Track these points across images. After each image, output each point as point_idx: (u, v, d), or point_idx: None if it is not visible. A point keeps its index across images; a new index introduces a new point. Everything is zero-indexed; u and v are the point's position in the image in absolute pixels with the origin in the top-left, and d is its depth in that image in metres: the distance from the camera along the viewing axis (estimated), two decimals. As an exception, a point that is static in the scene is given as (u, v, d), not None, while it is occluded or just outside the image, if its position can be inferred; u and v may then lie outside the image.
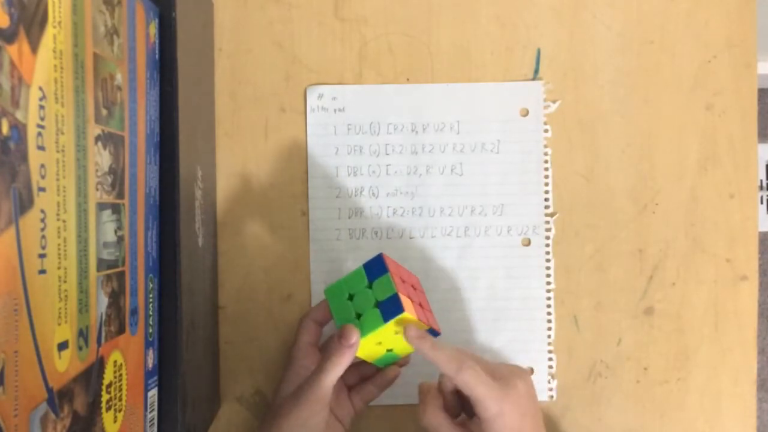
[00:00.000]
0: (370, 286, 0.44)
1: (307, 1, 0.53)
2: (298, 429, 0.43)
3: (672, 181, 0.54)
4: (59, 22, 0.29)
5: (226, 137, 0.53)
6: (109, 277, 0.34)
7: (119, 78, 0.35)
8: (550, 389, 0.53)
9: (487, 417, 0.43)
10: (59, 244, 0.29)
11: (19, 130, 0.26)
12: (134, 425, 0.37)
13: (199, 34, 0.48)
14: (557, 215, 0.53)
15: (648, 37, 0.54)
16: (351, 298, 0.45)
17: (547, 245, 0.53)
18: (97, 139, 0.33)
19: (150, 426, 0.40)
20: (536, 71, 0.54)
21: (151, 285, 0.39)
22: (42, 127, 0.28)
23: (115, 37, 0.35)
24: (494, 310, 0.53)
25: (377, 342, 0.45)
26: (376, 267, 0.45)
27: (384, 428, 0.53)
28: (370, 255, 0.52)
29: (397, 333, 0.44)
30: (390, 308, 0.43)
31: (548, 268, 0.53)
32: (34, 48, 0.27)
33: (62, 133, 0.29)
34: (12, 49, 0.26)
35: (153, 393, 0.40)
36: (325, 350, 0.44)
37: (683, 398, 0.53)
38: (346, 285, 0.45)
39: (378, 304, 0.44)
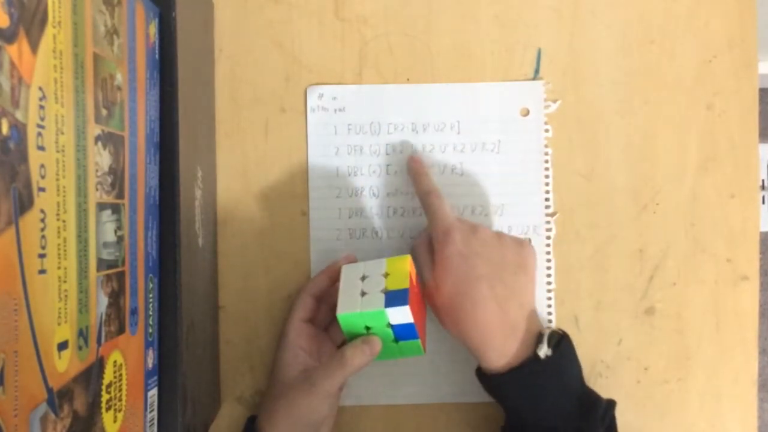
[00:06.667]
0: (390, 326, 0.45)
1: (307, 1, 0.53)
2: (306, 416, 0.45)
3: (672, 181, 0.54)
4: (59, 22, 0.29)
5: (226, 137, 0.53)
6: (109, 277, 0.34)
7: (119, 78, 0.35)
8: (551, 389, 0.53)
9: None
10: (59, 244, 0.29)
11: (19, 130, 0.26)
12: (134, 425, 0.37)
13: (199, 34, 0.48)
14: (557, 215, 0.53)
15: (648, 37, 0.54)
16: (368, 329, 0.45)
17: (548, 245, 0.53)
18: (97, 139, 0.33)
19: (150, 426, 0.40)
20: (536, 71, 0.54)
21: (151, 285, 0.39)
22: (42, 127, 0.28)
23: (115, 37, 0.35)
24: (494, 310, 0.53)
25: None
26: (405, 331, 0.45)
27: (384, 428, 0.53)
28: (370, 255, 0.52)
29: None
30: (409, 351, 0.46)
31: (548, 268, 0.53)
32: (34, 48, 0.27)
33: (62, 133, 0.29)
34: (12, 49, 0.26)
35: (153, 393, 0.40)
36: (344, 350, 0.45)
37: (684, 398, 0.53)
38: (363, 319, 0.45)
39: (398, 342, 0.46)
